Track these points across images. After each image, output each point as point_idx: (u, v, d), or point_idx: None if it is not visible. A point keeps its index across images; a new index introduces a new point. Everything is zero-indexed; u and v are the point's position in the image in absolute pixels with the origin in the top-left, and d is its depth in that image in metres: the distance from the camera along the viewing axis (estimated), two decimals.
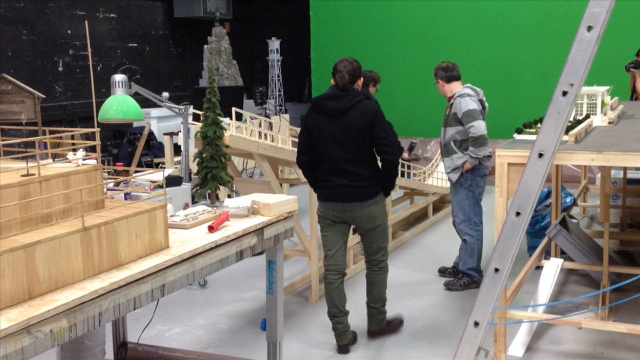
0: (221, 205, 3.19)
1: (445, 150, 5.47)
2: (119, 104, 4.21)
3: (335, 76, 4.22)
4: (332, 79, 4.28)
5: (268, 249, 3.18)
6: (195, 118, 6.29)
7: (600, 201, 5.35)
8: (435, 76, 5.48)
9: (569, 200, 6.28)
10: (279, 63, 12.85)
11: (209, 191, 3.36)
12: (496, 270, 3.27)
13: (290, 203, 3.21)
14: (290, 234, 3.27)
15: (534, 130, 4.31)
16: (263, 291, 4.27)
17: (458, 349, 3.32)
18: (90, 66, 2.51)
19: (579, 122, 4.34)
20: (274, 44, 12.80)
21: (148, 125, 5.33)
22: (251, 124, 5.39)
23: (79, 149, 2.75)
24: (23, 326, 1.89)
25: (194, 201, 3.61)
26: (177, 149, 7.41)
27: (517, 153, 3.71)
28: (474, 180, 5.37)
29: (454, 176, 5.39)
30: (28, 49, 9.42)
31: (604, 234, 4.85)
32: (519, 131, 4.36)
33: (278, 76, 12.85)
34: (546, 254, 5.45)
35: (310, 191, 5.03)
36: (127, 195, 3.01)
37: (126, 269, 2.33)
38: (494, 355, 3.91)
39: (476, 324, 3.28)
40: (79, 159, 2.56)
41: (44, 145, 2.96)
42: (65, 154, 2.75)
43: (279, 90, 12.85)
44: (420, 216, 7.79)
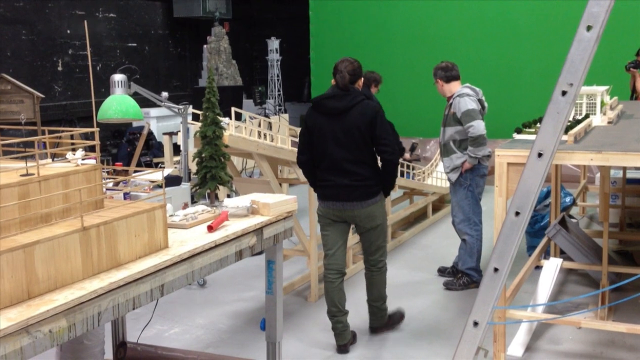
0: (220, 205, 3.19)
1: (444, 150, 5.47)
2: (118, 103, 4.21)
3: (336, 76, 4.22)
4: (333, 79, 4.28)
5: (267, 249, 3.18)
6: (195, 118, 6.29)
7: (600, 201, 5.35)
8: (435, 76, 5.48)
9: (568, 200, 6.28)
10: (279, 63, 12.85)
11: (208, 191, 3.36)
12: (495, 269, 3.27)
13: (290, 203, 3.21)
14: (290, 233, 3.26)
15: (533, 130, 4.31)
16: (262, 291, 4.27)
17: (457, 349, 3.32)
18: (90, 66, 2.51)
19: (579, 122, 4.34)
20: (274, 43, 12.81)
21: (147, 125, 5.33)
22: (250, 123, 5.39)
23: (78, 148, 2.74)
24: (22, 326, 1.89)
25: (193, 201, 3.60)
26: (177, 149, 7.40)
27: (517, 153, 3.71)
28: (473, 180, 5.37)
29: (453, 176, 5.40)
30: (27, 48, 9.42)
31: (603, 234, 4.86)
32: (519, 131, 4.37)
33: (277, 76, 12.85)
34: (545, 254, 5.45)
35: (310, 191, 5.03)
36: (127, 195, 3.01)
37: (125, 268, 2.33)
38: (493, 355, 3.91)
39: (475, 323, 3.28)
40: (78, 159, 2.56)
41: (43, 145, 2.96)
42: (65, 154, 2.74)
43: (279, 90, 12.85)
44: (419, 216, 7.79)
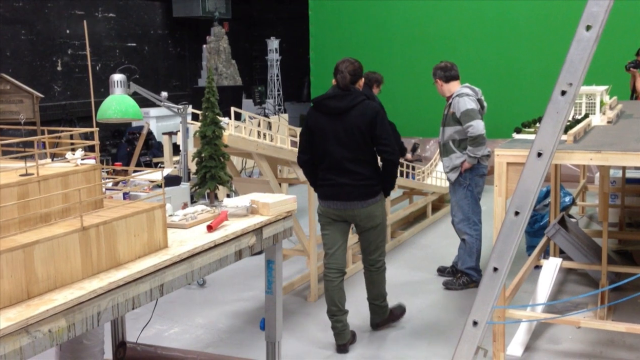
0: (220, 204, 3.19)
1: (444, 150, 5.47)
2: (118, 103, 4.21)
3: (337, 76, 4.24)
4: (334, 79, 4.29)
5: (267, 249, 3.18)
6: (194, 118, 6.29)
7: (599, 200, 5.35)
8: (434, 76, 5.48)
9: (567, 199, 6.29)
10: (278, 63, 12.85)
11: (208, 191, 3.36)
12: (495, 269, 3.27)
13: (289, 202, 3.21)
14: (289, 233, 3.26)
15: (532, 130, 4.31)
16: (262, 291, 4.27)
17: (457, 348, 3.32)
18: (89, 66, 2.51)
19: (578, 122, 4.34)
20: (273, 43, 12.80)
21: (147, 125, 5.34)
22: (250, 123, 5.39)
23: (77, 148, 2.74)
24: (22, 326, 1.89)
25: (193, 201, 3.60)
26: (176, 149, 7.40)
27: (516, 152, 3.72)
28: (472, 179, 5.37)
29: (453, 176, 5.40)
30: (27, 48, 9.42)
31: (602, 233, 4.86)
32: (518, 130, 4.37)
33: (277, 76, 12.85)
34: (545, 254, 5.45)
35: (309, 191, 5.03)
36: (126, 195, 3.01)
37: (125, 268, 2.33)
38: (492, 354, 3.91)
39: (475, 323, 3.28)
40: (77, 159, 2.56)
41: (43, 145, 2.95)
42: (64, 154, 2.74)
43: (278, 90, 12.84)
44: (419, 216, 7.79)
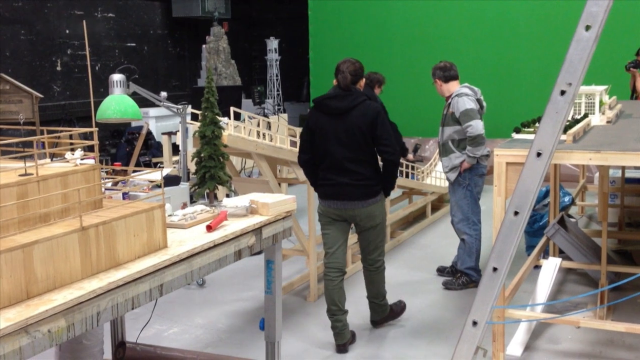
0: (219, 204, 3.19)
1: (443, 150, 5.47)
2: (117, 103, 4.21)
3: (338, 76, 4.25)
4: (335, 79, 4.30)
5: (266, 249, 3.18)
6: (194, 118, 6.29)
7: (599, 200, 5.35)
8: (433, 76, 5.48)
9: (567, 199, 6.29)
10: (278, 63, 12.85)
11: (207, 191, 3.36)
12: (494, 269, 3.27)
13: (289, 202, 3.21)
14: (289, 233, 3.26)
15: (532, 130, 4.31)
16: (261, 291, 4.27)
17: (456, 348, 3.32)
18: (89, 66, 2.51)
19: (577, 122, 4.34)
20: (273, 43, 12.80)
21: (146, 125, 5.34)
22: (249, 123, 5.39)
23: (77, 148, 2.74)
24: (21, 326, 1.89)
25: (192, 201, 3.60)
26: (176, 149, 7.39)
27: (516, 152, 3.72)
28: (472, 179, 5.37)
29: (452, 175, 5.40)
30: (26, 48, 9.42)
31: (602, 233, 4.86)
32: (517, 130, 4.37)
33: (276, 76, 12.85)
34: (544, 253, 5.45)
35: (309, 190, 5.04)
36: (125, 195, 3.01)
37: (124, 268, 2.33)
38: (492, 354, 3.91)
39: (474, 323, 3.28)
40: (77, 159, 2.55)
41: (42, 145, 2.95)
42: (64, 154, 2.74)
43: (278, 90, 12.84)
44: (418, 215, 7.79)
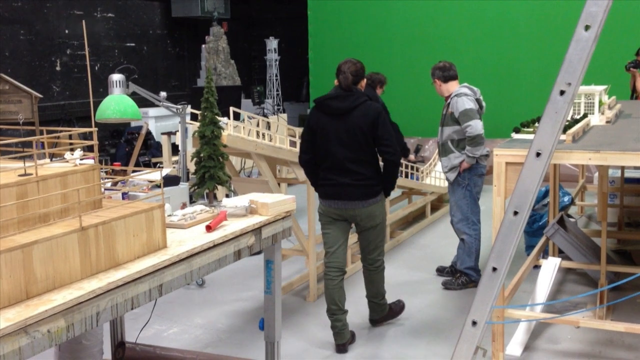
0: (219, 204, 3.19)
1: (442, 150, 5.47)
2: (117, 103, 4.21)
3: (339, 77, 4.26)
4: (336, 80, 4.31)
5: (266, 249, 3.18)
6: (193, 118, 6.28)
7: (598, 200, 5.35)
8: (433, 76, 5.48)
9: (566, 199, 6.29)
10: (277, 62, 12.84)
11: (207, 191, 3.36)
12: (494, 269, 3.27)
13: (288, 202, 3.21)
14: (288, 233, 3.26)
15: (531, 130, 4.31)
16: (261, 291, 4.27)
17: (456, 348, 3.32)
18: (88, 66, 2.51)
19: (577, 122, 4.34)
20: (272, 43, 12.80)
21: (146, 125, 5.34)
22: (249, 123, 5.38)
23: (76, 148, 2.74)
24: (20, 326, 1.89)
25: (192, 201, 3.60)
26: (175, 149, 7.39)
27: (515, 152, 3.72)
28: (471, 179, 5.37)
29: (452, 175, 5.40)
30: (25, 48, 9.41)
31: (601, 233, 4.86)
32: (517, 130, 4.37)
33: (276, 76, 12.84)
34: (544, 253, 5.45)
35: (308, 190, 5.04)
36: (125, 195, 3.01)
37: (124, 268, 2.33)
38: (492, 354, 3.91)
39: (474, 323, 3.28)
40: (76, 159, 2.55)
41: (42, 145, 2.95)
42: (63, 154, 2.74)
43: (277, 90, 12.84)
44: (418, 215, 7.79)
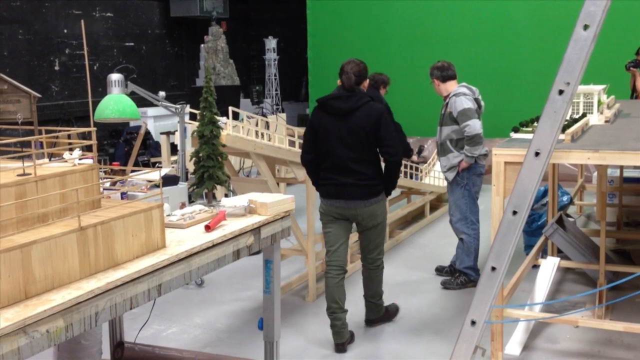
0: (218, 204, 3.19)
1: (441, 150, 5.47)
2: (116, 103, 4.21)
3: (342, 77, 4.27)
4: (339, 80, 4.32)
5: (265, 249, 3.18)
6: (192, 117, 6.28)
7: (597, 200, 5.35)
8: (431, 75, 5.48)
9: (565, 199, 6.29)
10: (276, 62, 12.84)
11: (206, 190, 3.35)
12: (493, 269, 3.27)
13: (287, 202, 3.21)
14: (287, 233, 3.26)
15: (530, 129, 4.31)
16: (260, 290, 4.26)
17: (455, 348, 3.32)
18: (87, 65, 2.51)
19: (576, 121, 4.34)
20: (271, 43, 12.79)
21: (144, 125, 5.34)
22: (248, 123, 5.38)
23: (75, 148, 2.74)
24: (19, 326, 1.89)
25: (191, 200, 3.60)
26: (174, 148, 7.39)
27: (514, 152, 3.72)
28: (470, 179, 5.37)
29: (451, 175, 5.40)
30: (24, 48, 9.40)
31: (600, 233, 4.86)
32: (516, 130, 4.37)
33: (275, 75, 12.84)
34: (543, 253, 5.45)
35: (308, 190, 5.04)
36: (124, 195, 3.01)
37: (123, 268, 2.33)
38: (491, 354, 3.91)
39: (473, 322, 3.28)
40: (75, 159, 2.55)
41: (40, 145, 2.95)
42: (62, 154, 2.74)
43: (276, 90, 12.83)
44: (417, 215, 7.79)
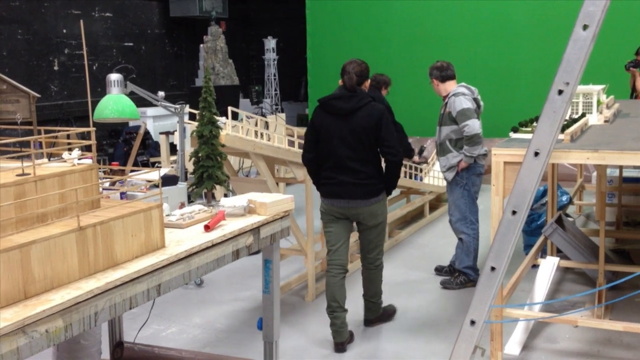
0: (217, 204, 3.18)
1: (440, 149, 5.47)
2: (115, 103, 4.21)
3: (344, 77, 4.28)
4: (340, 80, 4.33)
5: (264, 248, 3.18)
6: (191, 117, 6.28)
7: (596, 199, 5.36)
8: (430, 75, 5.49)
9: (565, 198, 6.29)
10: (275, 62, 12.84)
11: (205, 190, 3.35)
12: (492, 268, 3.27)
13: (287, 202, 3.21)
14: (287, 233, 3.26)
15: (529, 129, 4.32)
16: (259, 290, 4.25)
17: (454, 348, 3.32)
18: (86, 65, 2.51)
19: (575, 121, 4.35)
20: (270, 43, 12.79)
21: (144, 125, 5.33)
22: (247, 123, 5.38)
23: (74, 148, 2.74)
24: (18, 326, 1.88)
25: (190, 200, 3.60)
26: (173, 148, 7.39)
27: (513, 152, 3.72)
28: (469, 179, 5.37)
29: (450, 175, 5.40)
30: (23, 48, 9.40)
31: (600, 233, 4.86)
32: (515, 130, 4.37)
33: (274, 75, 12.84)
34: (542, 253, 5.45)
35: (307, 190, 5.04)
36: (123, 195, 3.00)
37: (122, 268, 2.32)
38: (490, 353, 3.91)
39: (472, 322, 3.28)
40: (74, 159, 2.55)
41: (40, 145, 2.95)
42: (61, 154, 2.74)
43: (275, 90, 12.83)
44: (416, 215, 7.79)
